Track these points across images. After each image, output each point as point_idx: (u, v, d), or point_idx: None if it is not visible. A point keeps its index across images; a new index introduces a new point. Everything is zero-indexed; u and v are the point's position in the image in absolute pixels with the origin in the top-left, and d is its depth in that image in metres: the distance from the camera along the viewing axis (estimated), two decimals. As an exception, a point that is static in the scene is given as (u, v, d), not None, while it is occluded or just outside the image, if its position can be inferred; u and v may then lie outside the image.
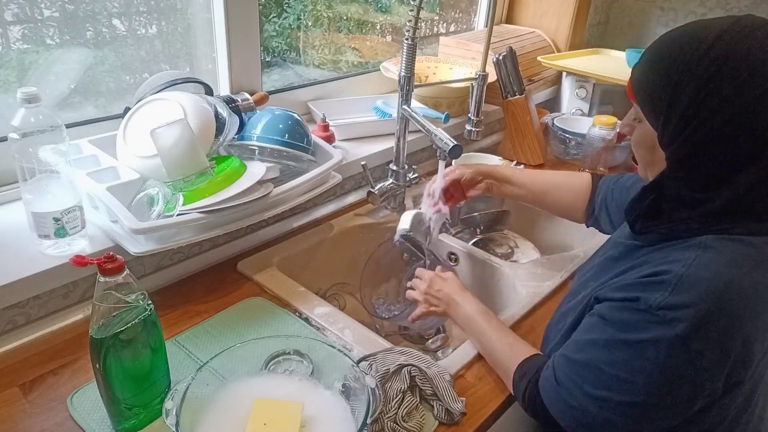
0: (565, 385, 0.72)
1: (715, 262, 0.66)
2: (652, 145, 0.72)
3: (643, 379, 0.65)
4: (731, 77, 0.64)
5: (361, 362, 0.82)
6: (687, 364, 0.63)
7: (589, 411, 0.70)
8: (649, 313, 0.65)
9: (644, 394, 0.65)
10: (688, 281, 0.65)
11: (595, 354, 0.70)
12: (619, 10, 2.16)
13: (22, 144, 0.80)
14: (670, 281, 0.65)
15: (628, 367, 0.66)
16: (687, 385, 0.65)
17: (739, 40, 0.65)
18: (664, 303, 0.64)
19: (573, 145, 1.62)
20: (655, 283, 0.67)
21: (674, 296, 0.64)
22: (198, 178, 0.93)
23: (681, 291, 0.64)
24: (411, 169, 1.29)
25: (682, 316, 0.63)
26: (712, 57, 0.65)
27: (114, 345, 0.67)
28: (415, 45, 1.13)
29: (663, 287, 0.66)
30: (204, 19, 1.20)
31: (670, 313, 0.64)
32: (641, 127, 0.74)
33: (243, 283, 1.04)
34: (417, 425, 0.76)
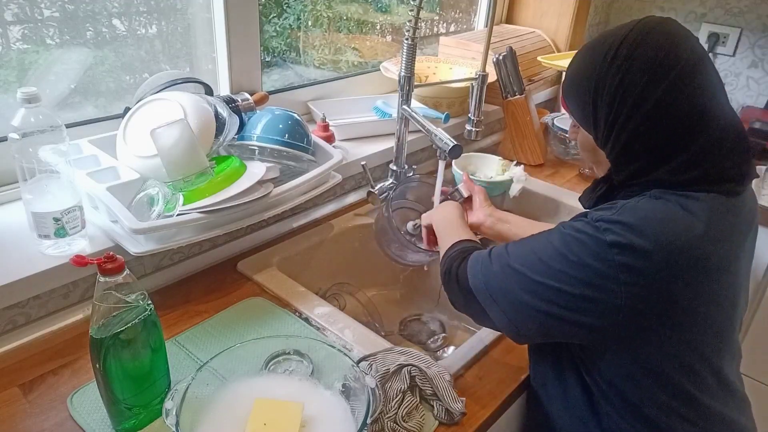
0: (494, 256, 0.79)
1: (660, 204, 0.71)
2: (592, 147, 0.79)
3: (559, 265, 0.71)
4: (637, 77, 0.71)
5: (361, 362, 0.82)
6: (606, 269, 0.67)
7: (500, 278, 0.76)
8: (589, 223, 0.71)
9: (557, 280, 0.71)
10: (630, 208, 0.71)
11: (533, 241, 0.77)
12: (619, 10, 2.16)
13: (22, 144, 0.80)
14: (615, 206, 0.72)
15: (553, 252, 0.72)
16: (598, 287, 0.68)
17: (639, 41, 0.72)
18: (604, 217, 0.70)
19: (573, 145, 1.62)
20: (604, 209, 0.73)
21: (616, 215, 0.70)
22: (198, 178, 0.93)
23: (622, 213, 0.70)
24: (411, 169, 1.29)
25: (616, 229, 0.68)
26: (617, 64, 0.72)
27: (114, 345, 0.67)
28: (415, 45, 1.13)
29: (609, 210, 0.72)
30: (204, 19, 1.20)
31: (605, 224, 0.69)
32: (580, 132, 0.81)
33: (243, 283, 1.04)
34: (417, 425, 0.76)
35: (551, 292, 0.71)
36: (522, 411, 0.97)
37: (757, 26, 1.87)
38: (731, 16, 1.91)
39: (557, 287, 0.70)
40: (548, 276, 0.71)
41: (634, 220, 0.69)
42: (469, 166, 1.42)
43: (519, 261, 0.75)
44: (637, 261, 0.67)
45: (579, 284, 0.69)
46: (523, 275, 0.73)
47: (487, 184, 1.33)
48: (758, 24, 1.87)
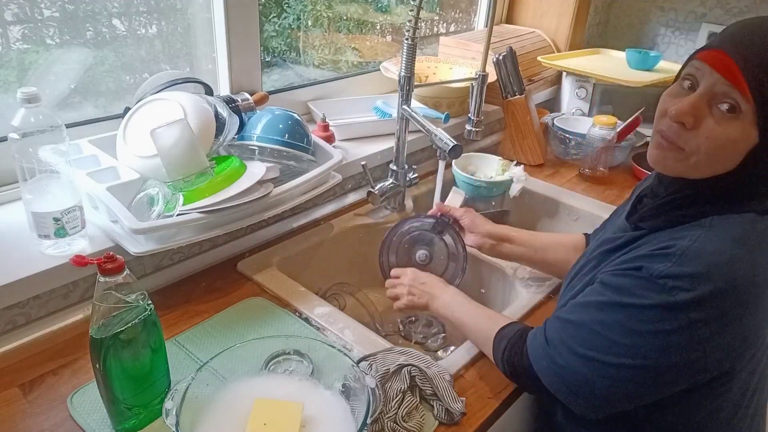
0: (553, 343, 0.72)
1: (721, 238, 0.65)
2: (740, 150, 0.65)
3: (635, 342, 0.64)
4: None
5: (361, 362, 0.82)
6: (683, 332, 0.62)
7: (573, 369, 0.69)
8: (650, 281, 0.64)
9: (633, 357, 0.64)
10: (692, 253, 0.64)
11: (589, 315, 0.69)
12: (619, 10, 2.16)
13: (22, 144, 0.80)
14: (675, 253, 0.64)
15: (621, 329, 0.65)
16: (678, 354, 0.63)
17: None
18: (666, 272, 0.63)
19: (573, 145, 1.62)
20: (659, 255, 0.65)
21: (677, 267, 0.63)
22: (198, 178, 0.93)
23: (684, 262, 0.63)
24: (411, 169, 1.29)
25: (684, 285, 0.62)
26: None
27: (114, 345, 0.67)
28: (415, 45, 1.13)
29: (667, 258, 0.64)
30: (204, 19, 1.20)
31: (671, 281, 0.62)
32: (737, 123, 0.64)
33: (243, 283, 1.04)
34: (417, 425, 0.76)
35: (634, 371, 0.65)
36: (522, 411, 0.97)
37: (757, 26, 1.87)
38: (731, 16, 1.91)
39: (639, 365, 0.65)
40: (626, 356, 0.65)
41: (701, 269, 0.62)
42: (469, 166, 1.42)
43: (586, 346, 0.68)
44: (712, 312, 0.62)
45: (660, 356, 0.64)
46: (598, 362, 0.67)
47: (487, 184, 1.33)
48: (758, 24, 1.87)
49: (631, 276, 0.66)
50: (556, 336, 0.72)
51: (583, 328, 0.69)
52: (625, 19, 2.16)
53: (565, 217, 1.44)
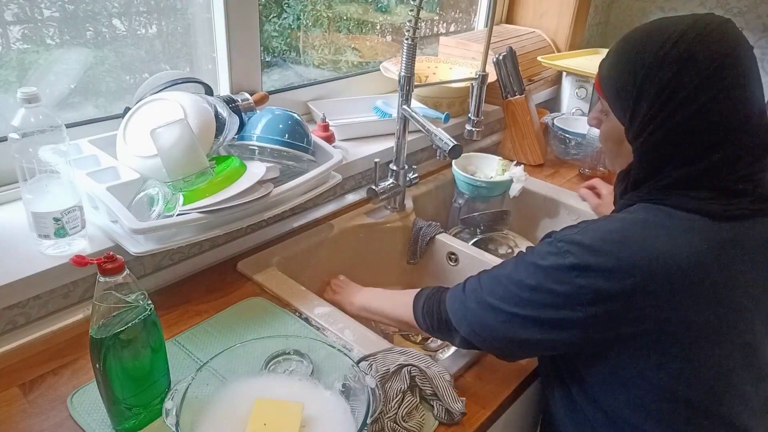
0: (467, 291, 0.81)
1: (625, 219, 0.72)
2: (619, 138, 0.78)
3: (528, 295, 0.73)
4: (692, 76, 0.68)
5: (361, 362, 0.82)
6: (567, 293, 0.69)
7: (477, 313, 0.78)
8: (551, 244, 0.73)
9: (523, 307, 0.73)
10: (594, 227, 0.72)
11: (502, 269, 0.79)
12: (619, 10, 2.16)
13: (22, 144, 0.80)
14: (579, 225, 0.74)
15: (519, 282, 0.74)
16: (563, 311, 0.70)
17: (699, 39, 0.69)
18: (563, 237, 0.72)
19: (573, 145, 1.62)
20: (571, 226, 0.75)
21: (576, 235, 0.72)
22: (198, 178, 0.93)
23: (583, 232, 0.72)
24: (411, 169, 1.29)
25: (574, 250, 0.70)
26: (674, 56, 0.69)
27: (114, 345, 0.67)
28: (415, 45, 1.13)
29: (573, 227, 0.74)
30: (204, 19, 1.20)
31: (566, 245, 0.71)
32: (608, 120, 0.80)
33: (243, 283, 1.04)
34: (417, 425, 0.76)
35: (526, 320, 0.73)
36: (522, 411, 0.97)
37: (757, 26, 1.87)
38: (731, 16, 1.89)
39: (530, 315, 0.73)
40: (520, 306, 0.73)
41: (593, 241, 0.70)
42: (469, 166, 1.42)
43: (492, 294, 0.77)
44: (596, 281, 0.68)
45: (549, 309, 0.71)
46: (498, 309, 0.76)
47: (487, 184, 1.33)
48: (758, 24, 1.87)
49: (542, 242, 0.76)
50: (471, 285, 0.81)
51: (494, 279, 0.79)
52: (625, 19, 2.16)
53: (566, 217, 1.44)
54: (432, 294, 0.89)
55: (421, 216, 1.33)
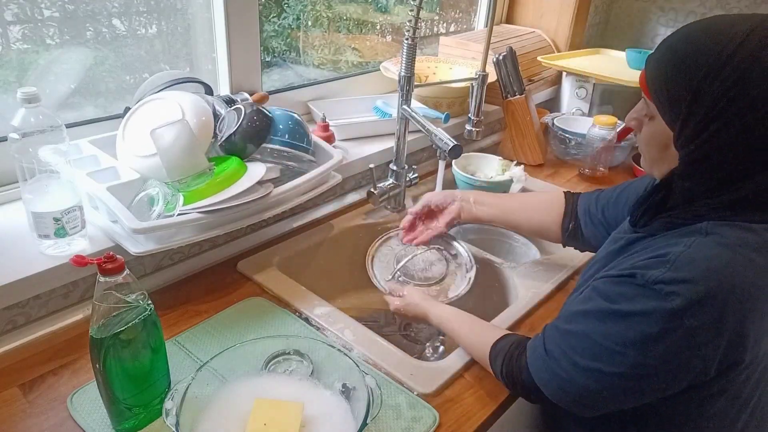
0: (553, 355, 0.73)
1: (716, 243, 0.66)
2: (665, 144, 0.71)
3: (635, 351, 0.65)
4: (755, 84, 0.63)
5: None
6: (680, 339, 0.63)
7: (576, 381, 0.70)
8: (645, 287, 0.65)
9: (634, 366, 0.66)
10: (687, 259, 0.65)
11: (587, 324, 0.70)
12: (619, 10, 2.16)
13: (22, 144, 0.80)
14: (669, 259, 0.66)
15: (620, 338, 0.66)
16: (678, 360, 0.64)
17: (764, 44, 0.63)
18: (661, 278, 0.64)
19: (573, 145, 1.62)
20: (654, 262, 0.67)
21: (672, 272, 0.64)
22: (198, 178, 0.93)
23: (679, 268, 0.64)
24: (411, 169, 1.29)
25: (680, 290, 0.63)
26: (737, 62, 0.63)
27: (114, 345, 0.67)
28: (415, 45, 1.13)
29: (661, 264, 0.66)
30: (204, 19, 1.20)
31: (666, 287, 0.64)
32: (653, 124, 0.73)
33: (243, 283, 1.04)
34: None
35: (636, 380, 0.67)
36: (522, 411, 0.97)
37: (757, 26, 1.87)
38: (731, 16, 1.91)
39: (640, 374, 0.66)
40: (627, 365, 0.66)
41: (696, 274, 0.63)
42: (469, 166, 1.42)
43: (587, 356, 0.69)
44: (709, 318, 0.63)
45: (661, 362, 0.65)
46: (600, 372, 0.68)
47: (487, 184, 1.33)
48: (758, 24, 1.87)
49: (626, 283, 0.67)
50: (556, 347, 0.73)
51: (583, 338, 0.70)
52: (625, 19, 2.16)
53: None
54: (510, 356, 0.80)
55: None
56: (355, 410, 0.72)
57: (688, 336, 0.63)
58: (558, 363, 0.72)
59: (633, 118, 0.77)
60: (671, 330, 0.63)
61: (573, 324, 0.72)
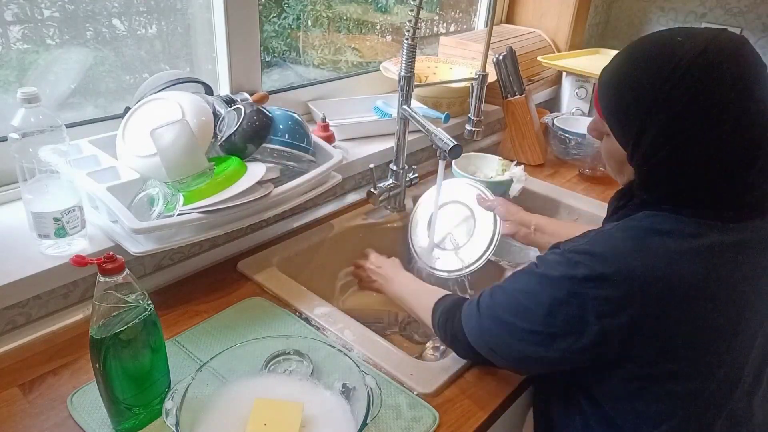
0: (482, 308, 0.80)
1: (634, 227, 0.71)
2: (621, 160, 0.75)
3: (543, 310, 0.71)
4: (703, 111, 0.65)
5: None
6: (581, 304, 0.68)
7: (493, 331, 0.78)
8: (561, 255, 0.72)
9: (541, 324, 0.71)
10: (603, 237, 0.71)
11: (514, 283, 0.77)
12: (619, 10, 2.16)
13: (22, 144, 0.80)
14: (588, 235, 0.73)
15: (532, 296, 0.73)
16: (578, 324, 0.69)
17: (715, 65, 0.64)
18: (574, 248, 0.71)
19: (573, 145, 1.62)
20: (579, 236, 0.74)
21: (586, 245, 0.70)
22: (198, 178, 0.93)
23: (593, 243, 0.70)
24: (411, 169, 1.29)
25: (586, 261, 0.68)
26: (684, 89, 0.65)
27: (114, 345, 0.67)
28: (415, 45, 1.13)
29: (582, 238, 0.73)
30: (204, 19, 1.20)
31: (576, 256, 0.69)
32: (609, 140, 0.76)
33: (243, 283, 1.04)
34: None
35: (539, 336, 0.72)
36: (522, 411, 0.97)
37: (757, 26, 1.87)
38: (731, 16, 1.91)
39: (544, 331, 0.72)
40: (534, 321, 0.72)
41: (604, 250, 0.68)
42: (469, 166, 1.42)
43: (506, 311, 0.76)
44: (608, 291, 0.67)
45: (562, 324, 0.70)
46: (512, 324, 0.75)
47: (486, 184, 1.33)
48: (758, 24, 1.87)
49: (552, 252, 0.74)
50: (485, 304, 0.80)
51: (507, 294, 0.78)
52: (625, 19, 2.16)
53: (566, 217, 1.44)
54: (449, 308, 0.87)
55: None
56: (355, 410, 0.72)
57: (588, 303, 0.67)
58: (484, 314, 0.79)
59: (593, 128, 0.80)
60: (575, 295, 0.68)
61: (505, 282, 0.80)
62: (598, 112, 0.76)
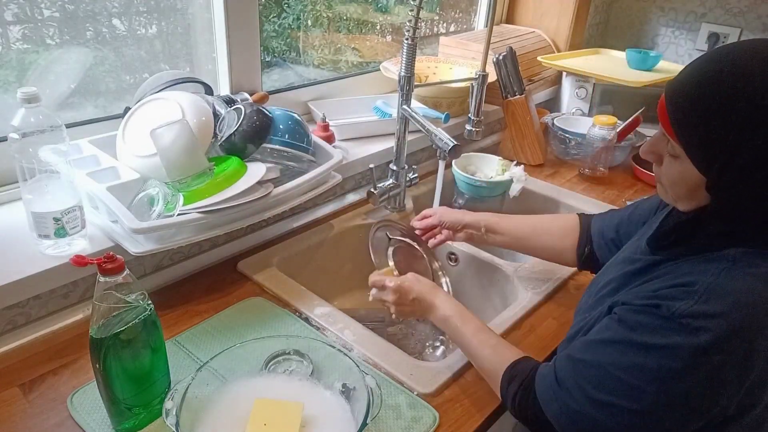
0: (566, 386, 0.68)
1: (746, 274, 0.62)
2: (694, 185, 0.65)
3: (656, 387, 0.61)
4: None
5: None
6: (706, 376, 0.59)
7: (589, 415, 0.65)
8: (671, 320, 0.61)
9: (653, 403, 0.61)
10: (716, 291, 0.61)
11: (605, 355, 0.65)
12: (619, 10, 2.16)
13: (22, 144, 0.80)
14: (697, 290, 0.61)
15: (640, 372, 0.62)
16: (701, 398, 0.61)
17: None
18: (689, 311, 0.60)
19: (573, 145, 1.62)
20: (680, 292, 0.62)
21: (701, 305, 0.60)
22: (198, 178, 0.93)
23: (709, 300, 0.60)
24: (411, 169, 1.29)
25: (709, 325, 0.59)
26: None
27: (114, 345, 0.67)
28: (415, 45, 1.13)
29: (689, 295, 0.61)
30: (204, 19, 1.20)
31: (695, 321, 0.59)
32: (679, 163, 0.66)
33: (243, 283, 1.04)
34: None
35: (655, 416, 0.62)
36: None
37: (757, 26, 1.87)
38: (731, 16, 1.91)
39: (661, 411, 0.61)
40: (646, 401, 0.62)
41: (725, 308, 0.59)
42: (469, 166, 1.42)
43: (602, 389, 0.64)
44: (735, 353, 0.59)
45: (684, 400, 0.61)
46: (615, 407, 0.63)
47: (486, 184, 1.33)
48: (758, 24, 1.87)
49: (650, 314, 0.63)
50: (569, 377, 0.68)
51: (599, 369, 0.65)
52: (625, 19, 2.16)
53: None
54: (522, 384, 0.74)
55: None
56: (355, 410, 0.72)
57: (714, 373, 0.59)
58: (570, 394, 0.67)
59: (652, 151, 0.70)
60: (697, 366, 0.59)
61: (588, 353, 0.67)
62: (667, 132, 0.65)
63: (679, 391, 0.60)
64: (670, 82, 0.66)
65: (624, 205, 1.01)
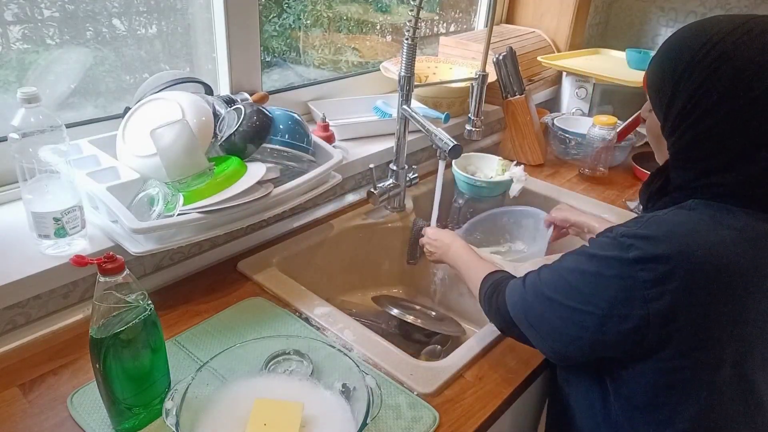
0: (527, 284, 0.80)
1: (688, 215, 0.70)
2: (657, 134, 0.77)
3: (588, 289, 0.71)
4: (730, 76, 0.66)
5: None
6: (629, 287, 0.67)
7: (535, 306, 0.78)
8: (614, 239, 0.71)
9: (583, 302, 0.71)
10: (656, 221, 0.70)
11: (562, 263, 0.77)
12: (619, 10, 2.16)
13: (22, 144, 0.80)
14: (642, 219, 0.72)
15: (581, 275, 0.73)
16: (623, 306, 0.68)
17: (744, 41, 0.66)
18: (627, 232, 0.70)
19: (573, 145, 1.62)
20: (631, 221, 0.73)
21: (639, 229, 0.70)
22: (198, 178, 0.93)
23: (645, 226, 0.70)
24: (411, 169, 1.29)
25: (638, 244, 0.68)
26: (715, 55, 0.67)
27: (114, 345, 0.67)
28: (415, 45, 1.13)
29: (635, 223, 0.72)
30: (204, 19, 1.20)
31: (629, 240, 0.69)
32: (650, 116, 0.78)
33: (243, 283, 1.04)
34: None
35: (582, 315, 0.71)
36: (522, 410, 0.97)
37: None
38: (731, 16, 1.91)
39: (587, 311, 0.71)
40: (578, 300, 0.72)
41: (658, 233, 0.68)
42: (469, 166, 1.42)
43: (551, 288, 0.76)
44: (659, 274, 0.66)
45: (607, 306, 0.69)
46: (556, 302, 0.74)
47: (486, 184, 1.33)
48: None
49: (604, 236, 0.74)
50: (531, 279, 0.80)
51: (553, 272, 0.77)
52: (625, 19, 2.16)
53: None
54: (497, 281, 0.88)
55: (421, 216, 1.33)
56: (355, 410, 0.72)
57: (636, 286, 0.67)
58: (528, 290, 0.80)
59: (643, 109, 0.82)
60: (623, 277, 0.68)
61: (554, 262, 0.79)
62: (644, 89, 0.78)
63: (604, 296, 0.69)
64: None
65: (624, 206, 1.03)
